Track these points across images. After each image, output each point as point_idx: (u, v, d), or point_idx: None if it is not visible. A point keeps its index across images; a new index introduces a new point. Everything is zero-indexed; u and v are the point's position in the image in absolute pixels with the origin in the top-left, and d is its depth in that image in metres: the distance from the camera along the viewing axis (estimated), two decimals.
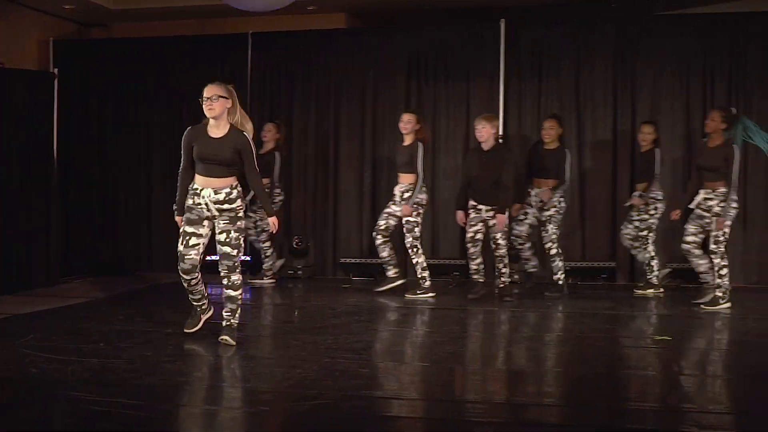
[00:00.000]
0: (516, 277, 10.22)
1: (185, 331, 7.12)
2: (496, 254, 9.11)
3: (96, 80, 11.70)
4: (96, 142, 11.66)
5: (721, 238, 8.50)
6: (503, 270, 9.15)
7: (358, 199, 11.03)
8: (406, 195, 9.14)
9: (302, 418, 4.89)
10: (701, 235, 8.72)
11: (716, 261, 8.55)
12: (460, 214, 9.15)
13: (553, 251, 9.36)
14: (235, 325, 6.82)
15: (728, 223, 8.50)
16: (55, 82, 10.48)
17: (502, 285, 9.17)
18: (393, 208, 9.30)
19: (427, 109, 10.86)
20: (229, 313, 6.80)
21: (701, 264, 8.84)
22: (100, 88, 11.68)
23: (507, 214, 9.04)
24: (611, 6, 11.11)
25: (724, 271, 8.56)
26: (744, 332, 7.67)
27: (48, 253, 10.22)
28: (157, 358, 6.32)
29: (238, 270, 6.75)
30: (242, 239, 6.78)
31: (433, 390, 5.65)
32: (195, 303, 7.12)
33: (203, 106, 6.64)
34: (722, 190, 8.49)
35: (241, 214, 6.73)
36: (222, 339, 6.75)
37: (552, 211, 9.29)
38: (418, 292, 9.19)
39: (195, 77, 11.34)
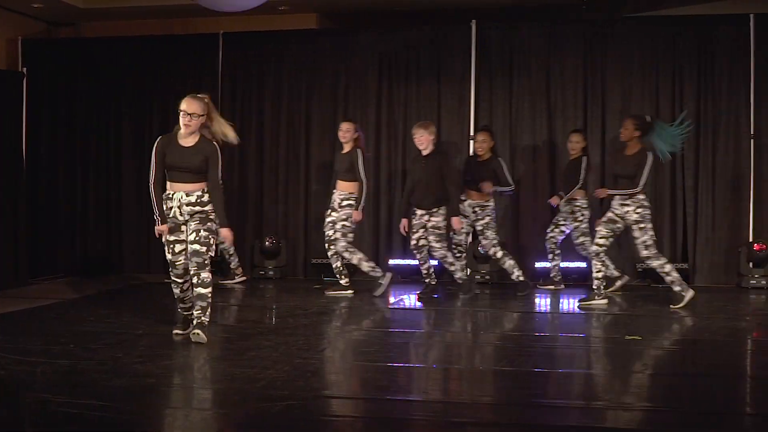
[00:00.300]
0: (487, 277, 10.28)
1: (176, 332, 7.13)
2: (435, 256, 9.19)
3: (65, 79, 11.61)
4: (65, 141, 11.58)
5: (650, 242, 8.54)
6: (453, 269, 9.24)
7: (330, 199, 10.99)
8: (345, 202, 9.28)
9: (274, 419, 4.88)
10: (611, 239, 8.72)
11: (656, 264, 8.62)
12: (404, 221, 9.21)
13: (499, 254, 9.46)
14: (206, 322, 6.83)
15: (645, 225, 8.53)
16: (24, 81, 10.41)
17: (460, 282, 9.30)
18: (334, 216, 9.38)
19: (398, 110, 10.88)
20: (200, 311, 6.82)
21: (600, 271, 8.79)
22: (69, 88, 11.60)
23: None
24: (581, 7, 11.17)
25: (668, 267, 8.62)
26: (713, 332, 7.73)
27: (17, 254, 10.14)
28: (127, 360, 6.28)
29: (207, 268, 6.81)
30: (212, 239, 6.85)
31: (405, 390, 5.66)
32: (185, 313, 7.17)
33: (180, 117, 6.77)
34: (639, 197, 8.52)
35: (212, 216, 6.83)
36: (193, 334, 6.77)
37: (487, 219, 9.43)
38: (335, 288, 9.46)
39: (166, 77, 11.39)
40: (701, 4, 11.08)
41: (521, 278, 9.48)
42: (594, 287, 8.77)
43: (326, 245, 9.46)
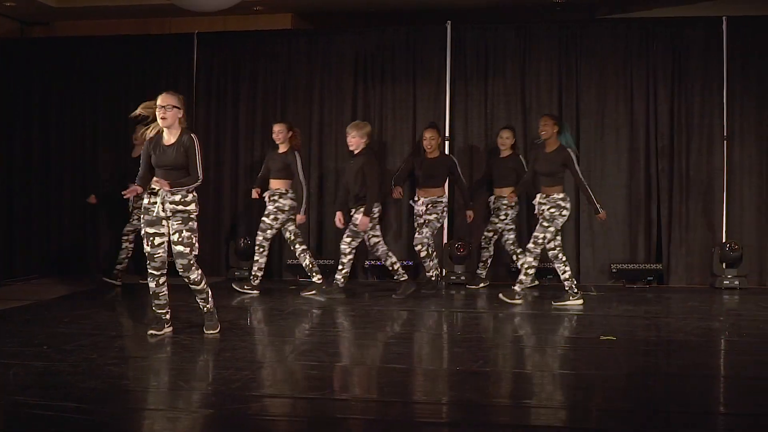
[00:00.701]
0: (462, 278, 10.32)
1: (150, 332, 7.12)
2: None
3: (39, 79, 11.54)
4: (39, 140, 11.51)
5: (540, 240, 8.59)
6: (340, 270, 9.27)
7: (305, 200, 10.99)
8: (274, 197, 9.48)
9: (249, 420, 4.87)
10: (558, 238, 8.75)
11: (527, 259, 8.71)
12: (338, 214, 9.35)
13: (424, 253, 9.49)
14: (212, 308, 7.23)
15: (552, 228, 8.59)
16: None
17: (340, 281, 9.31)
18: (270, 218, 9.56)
19: (374, 111, 10.88)
20: (203, 301, 7.19)
21: (566, 272, 8.82)
22: (43, 87, 11.53)
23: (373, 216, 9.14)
24: (556, 8, 11.22)
25: (531, 271, 8.75)
26: (687, 332, 7.78)
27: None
28: (102, 362, 6.25)
29: (194, 267, 6.95)
30: (195, 239, 6.96)
31: (383, 391, 5.66)
32: (159, 311, 7.17)
33: (156, 113, 6.89)
34: (556, 195, 8.59)
35: (194, 216, 6.97)
36: (205, 330, 7.18)
37: (432, 217, 9.50)
38: (246, 286, 9.65)
39: (141, 76, 11.35)
40: (674, 6, 11.18)
41: (434, 278, 9.63)
42: (567, 288, 8.78)
43: (291, 247, 9.72)
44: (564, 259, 8.80)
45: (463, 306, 9.02)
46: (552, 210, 8.55)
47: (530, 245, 8.63)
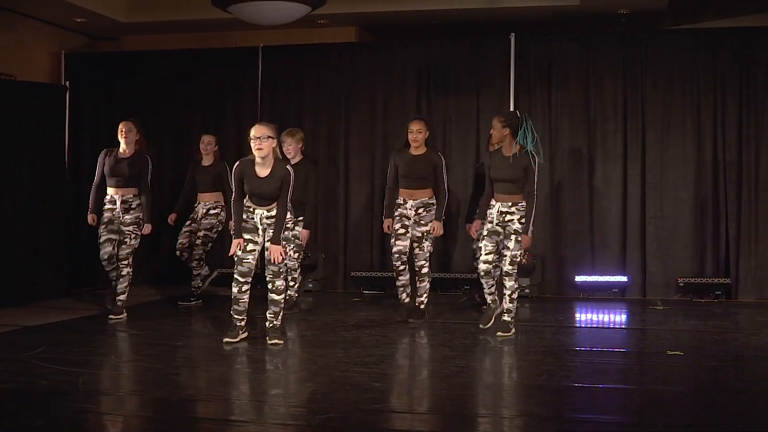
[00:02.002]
0: (527, 290, 10.23)
1: (226, 341, 7.31)
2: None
3: (106, 92, 11.74)
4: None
5: (518, 259, 7.71)
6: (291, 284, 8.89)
7: (369, 212, 11.02)
8: (212, 211, 9.47)
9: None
10: (496, 254, 7.85)
11: (510, 284, 7.71)
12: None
13: (425, 270, 8.45)
14: (279, 323, 7.38)
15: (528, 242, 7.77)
16: (67, 94, 10.54)
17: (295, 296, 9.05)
18: (194, 226, 9.57)
19: (437, 123, 10.86)
20: (273, 315, 7.36)
21: (493, 285, 7.99)
22: (110, 100, 11.71)
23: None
24: (620, 20, 11.12)
25: (516, 295, 7.80)
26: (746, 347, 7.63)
27: (59, 265, 10.23)
28: (165, 371, 6.31)
29: (282, 275, 7.29)
30: (288, 248, 7.55)
31: (444, 404, 5.63)
32: (236, 317, 7.37)
33: (252, 144, 7.12)
34: (522, 203, 7.68)
35: (290, 224, 7.55)
36: (269, 341, 7.31)
37: (429, 227, 8.34)
38: (192, 299, 9.55)
39: (205, 90, 11.48)
40: (741, 16, 11.01)
41: (423, 305, 8.57)
42: (508, 318, 7.83)
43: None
44: (495, 274, 7.98)
45: (527, 319, 8.94)
46: (523, 221, 7.65)
47: (508, 267, 7.68)
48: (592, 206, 10.51)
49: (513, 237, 7.65)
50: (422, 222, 8.31)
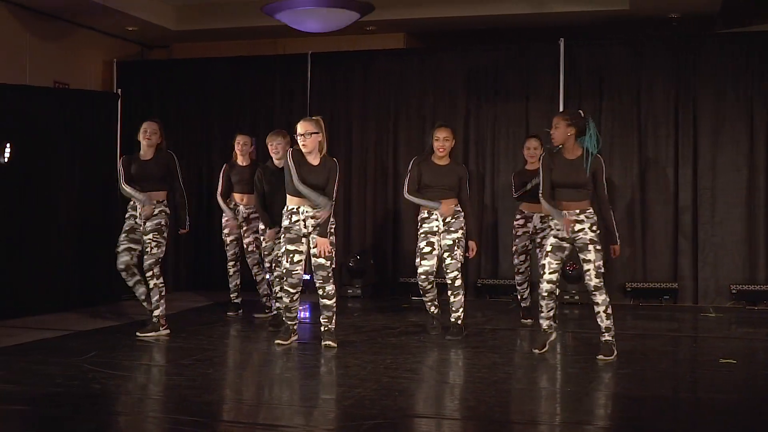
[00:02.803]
0: (576, 297, 10.15)
1: (278, 342, 7.45)
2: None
3: (158, 100, 11.87)
4: None
5: (602, 270, 6.94)
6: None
7: (417, 217, 10.99)
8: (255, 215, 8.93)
9: None
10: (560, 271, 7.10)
11: (602, 298, 6.92)
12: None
13: (458, 282, 7.89)
14: (333, 328, 7.43)
15: (601, 246, 6.97)
16: (119, 102, 10.67)
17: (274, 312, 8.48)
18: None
19: (486, 128, 10.84)
20: (327, 320, 7.42)
21: (552, 307, 7.15)
22: (161, 108, 11.84)
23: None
24: (671, 24, 11.02)
25: (610, 309, 7.01)
26: None
27: (111, 271, 10.32)
28: (217, 376, 6.35)
29: (332, 280, 7.35)
30: (333, 252, 7.37)
31: (493, 411, 5.60)
32: (289, 322, 7.53)
33: (299, 140, 7.20)
34: (591, 210, 6.96)
35: (332, 229, 7.39)
36: (325, 344, 7.38)
37: (460, 234, 7.86)
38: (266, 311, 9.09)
39: (254, 97, 11.56)
40: None
41: (460, 321, 7.96)
42: (610, 338, 7.05)
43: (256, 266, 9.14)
44: (557, 294, 7.19)
45: (576, 326, 8.87)
46: (595, 227, 6.94)
47: (596, 281, 6.89)
48: (643, 212, 10.42)
49: (591, 247, 6.87)
50: (452, 229, 7.81)
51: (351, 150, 11.32)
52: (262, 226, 8.42)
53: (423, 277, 7.91)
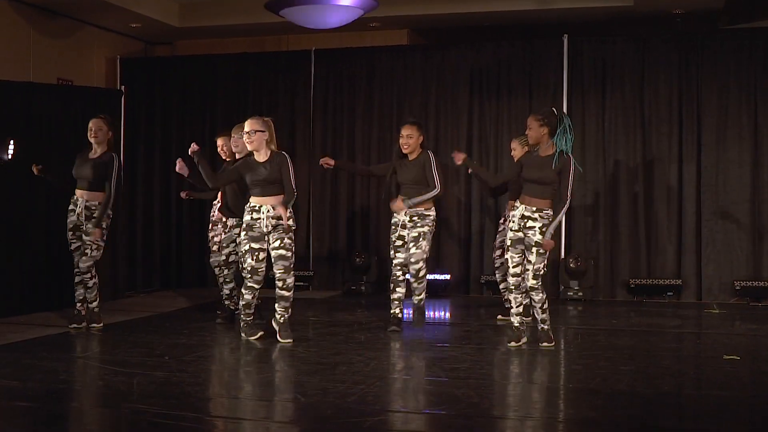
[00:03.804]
0: (580, 293, 10.15)
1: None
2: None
3: (161, 96, 11.88)
4: (161, 157, 11.80)
5: (541, 272, 7.12)
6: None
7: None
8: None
9: None
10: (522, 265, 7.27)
11: (538, 297, 7.17)
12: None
13: (423, 272, 8.04)
14: (286, 319, 7.45)
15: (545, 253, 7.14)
16: (122, 99, 10.67)
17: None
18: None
19: (489, 125, 10.83)
20: (283, 309, 7.44)
21: (520, 302, 7.35)
22: (165, 104, 11.86)
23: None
24: (676, 20, 11.00)
25: (546, 305, 7.25)
26: None
27: (116, 268, 10.35)
28: (221, 373, 6.35)
29: (292, 272, 7.36)
30: (293, 246, 7.37)
31: (496, 408, 5.60)
32: (246, 319, 7.54)
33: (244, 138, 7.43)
34: (548, 211, 7.13)
35: (292, 222, 7.36)
36: (281, 338, 7.41)
37: (426, 229, 8.01)
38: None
39: (258, 93, 11.56)
40: None
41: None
42: (517, 325, 7.39)
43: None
44: (523, 286, 7.37)
45: (579, 322, 8.87)
46: (545, 230, 7.11)
47: (533, 282, 7.12)
48: (647, 208, 10.41)
49: (534, 249, 7.08)
50: (418, 225, 7.96)
51: (354, 146, 11.31)
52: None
53: (398, 267, 8.10)
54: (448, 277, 10.79)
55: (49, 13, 10.65)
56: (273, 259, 7.31)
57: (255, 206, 7.35)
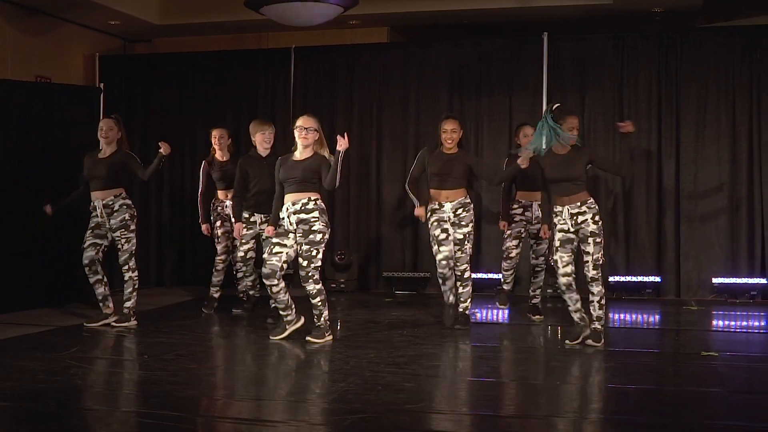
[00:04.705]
0: None
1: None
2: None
3: (140, 94, 11.83)
4: (140, 155, 11.70)
5: (600, 261, 7.19)
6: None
7: (401, 212, 11.02)
8: None
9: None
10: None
11: (597, 289, 7.18)
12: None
13: (467, 274, 8.10)
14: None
15: (602, 239, 7.18)
16: (101, 96, 10.62)
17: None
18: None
19: (470, 123, 10.84)
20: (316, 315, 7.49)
21: (577, 299, 7.30)
22: (144, 102, 11.81)
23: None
24: (654, 19, 11.05)
25: (604, 300, 7.28)
26: None
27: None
28: (199, 371, 6.34)
29: (312, 279, 7.29)
30: (314, 251, 7.27)
31: (476, 405, 5.62)
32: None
33: (297, 133, 7.50)
34: (591, 200, 7.19)
35: (316, 226, 7.28)
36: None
37: (470, 227, 8.04)
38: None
39: (238, 92, 11.53)
40: None
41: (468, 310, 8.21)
42: (599, 326, 7.31)
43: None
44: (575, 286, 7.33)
45: (561, 320, 8.90)
46: (598, 218, 7.16)
47: (593, 272, 7.16)
48: (626, 206, 10.45)
49: (591, 240, 7.07)
50: (462, 223, 7.99)
51: (333, 144, 11.27)
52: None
53: (444, 263, 8.00)
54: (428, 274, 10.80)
55: (27, 10, 10.59)
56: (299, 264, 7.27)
57: (286, 204, 7.33)
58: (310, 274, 7.23)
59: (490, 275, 10.49)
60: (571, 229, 7.15)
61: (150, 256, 11.73)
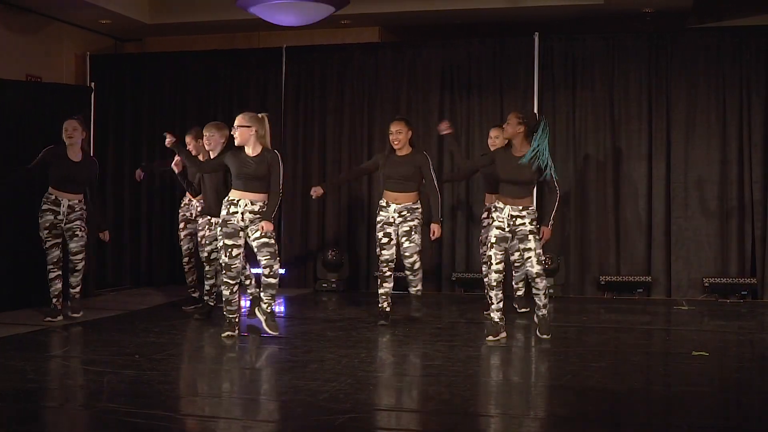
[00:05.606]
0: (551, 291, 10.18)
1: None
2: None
3: (131, 93, 11.81)
4: (131, 154, 11.74)
5: (543, 257, 7.46)
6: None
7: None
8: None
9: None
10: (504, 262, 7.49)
11: (543, 284, 7.41)
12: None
13: (417, 265, 8.20)
14: (272, 309, 7.37)
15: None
16: (92, 95, 10.60)
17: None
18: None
19: (461, 123, 10.84)
20: (269, 298, 7.38)
21: (501, 298, 7.49)
22: (135, 101, 11.79)
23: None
24: (645, 19, 11.07)
25: (548, 292, 7.63)
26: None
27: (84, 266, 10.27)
28: (192, 371, 6.33)
29: (278, 258, 7.36)
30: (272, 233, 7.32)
31: (467, 404, 5.62)
32: (230, 316, 7.47)
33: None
34: (532, 207, 7.42)
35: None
36: (267, 329, 7.38)
37: (416, 222, 8.12)
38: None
39: (229, 91, 11.52)
40: (767, 14, 10.91)
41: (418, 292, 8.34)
42: (547, 313, 7.61)
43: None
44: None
45: (551, 319, 8.89)
46: (535, 221, 7.37)
47: (538, 268, 7.35)
48: (617, 206, 10.47)
49: (531, 237, 7.29)
50: (408, 218, 8.08)
51: (325, 143, 11.30)
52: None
53: (384, 264, 8.20)
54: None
55: (17, 9, 10.56)
56: (256, 249, 7.25)
57: (234, 200, 7.28)
58: (276, 252, 7.29)
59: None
60: (507, 229, 7.36)
61: (141, 256, 11.71)
